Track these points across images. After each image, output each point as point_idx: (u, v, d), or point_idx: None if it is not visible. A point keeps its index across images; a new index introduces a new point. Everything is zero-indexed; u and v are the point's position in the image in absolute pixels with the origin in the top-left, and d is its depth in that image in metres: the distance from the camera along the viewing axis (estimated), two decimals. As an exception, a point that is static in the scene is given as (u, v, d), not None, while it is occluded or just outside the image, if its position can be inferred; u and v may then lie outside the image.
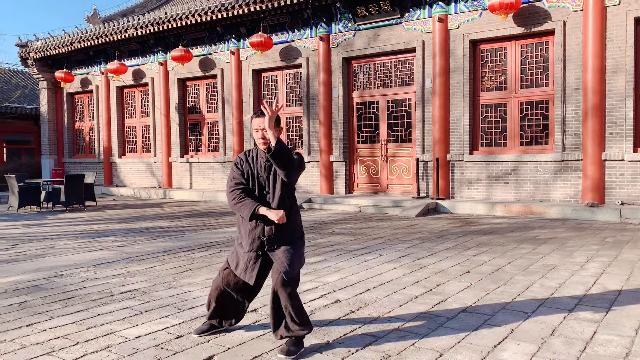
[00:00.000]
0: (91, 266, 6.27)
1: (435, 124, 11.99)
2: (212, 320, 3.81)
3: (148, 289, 5.16)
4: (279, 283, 3.40)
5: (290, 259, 3.45)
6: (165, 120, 17.01)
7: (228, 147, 15.76)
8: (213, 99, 16.31)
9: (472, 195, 11.77)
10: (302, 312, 3.46)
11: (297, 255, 3.52)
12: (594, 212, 9.78)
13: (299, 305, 3.44)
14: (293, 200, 3.60)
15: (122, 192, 17.66)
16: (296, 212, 3.62)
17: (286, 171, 3.37)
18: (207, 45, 15.86)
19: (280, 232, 3.51)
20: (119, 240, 8.23)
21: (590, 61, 10.21)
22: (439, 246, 7.27)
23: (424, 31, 12.17)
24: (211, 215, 11.60)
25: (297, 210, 3.65)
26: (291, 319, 3.42)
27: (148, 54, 17.34)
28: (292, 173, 3.42)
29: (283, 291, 3.40)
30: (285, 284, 3.40)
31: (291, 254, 3.47)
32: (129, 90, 18.50)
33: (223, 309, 3.78)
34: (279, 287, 3.41)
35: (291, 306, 3.41)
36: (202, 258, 6.67)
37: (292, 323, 3.42)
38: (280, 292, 3.42)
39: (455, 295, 4.76)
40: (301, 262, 3.55)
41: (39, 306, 4.60)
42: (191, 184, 16.81)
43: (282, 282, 3.40)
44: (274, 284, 3.44)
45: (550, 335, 3.68)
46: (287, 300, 3.41)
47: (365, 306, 4.46)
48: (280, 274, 3.40)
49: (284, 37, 14.33)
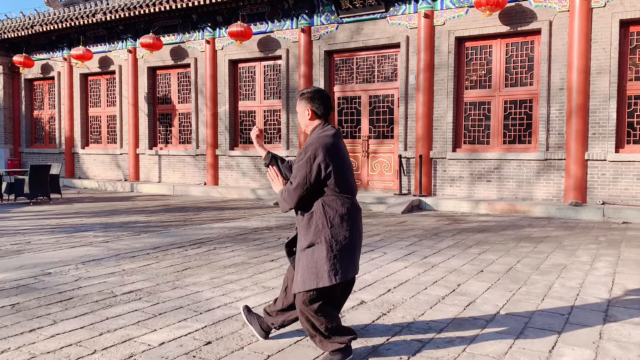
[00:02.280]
0: (79, 263, 5.80)
1: (419, 121, 11.89)
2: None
3: (152, 289, 4.77)
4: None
5: (297, 274, 3.11)
6: (134, 110, 16.30)
7: (201, 139, 15.23)
8: (185, 89, 15.73)
9: (455, 192, 11.74)
10: (330, 327, 3.08)
11: (306, 268, 3.04)
12: (577, 211, 9.90)
13: (321, 324, 3.06)
14: (317, 199, 3.08)
15: (86, 185, 16.84)
16: (317, 212, 3.06)
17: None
18: (180, 33, 15.26)
19: (299, 234, 3.18)
20: (100, 235, 7.72)
21: (575, 61, 10.31)
22: (439, 244, 7.13)
23: (409, 26, 12.04)
24: (188, 210, 11.13)
25: (320, 209, 3.06)
26: (320, 336, 3.12)
27: (116, 41, 16.57)
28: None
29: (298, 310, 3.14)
30: (297, 303, 3.12)
31: (300, 267, 3.10)
32: (94, 78, 17.65)
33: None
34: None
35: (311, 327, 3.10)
36: (197, 256, 6.29)
37: (322, 337, 3.12)
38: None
39: (482, 296, 4.59)
40: (309, 280, 3.01)
41: (36, 309, 4.16)
42: (160, 177, 16.18)
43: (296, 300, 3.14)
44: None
45: (601, 339, 3.55)
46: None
47: (395, 308, 4.23)
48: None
49: (262, 28, 13.93)
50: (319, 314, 3.04)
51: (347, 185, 3.09)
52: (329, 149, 3.02)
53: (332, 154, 3.02)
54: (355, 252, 3.11)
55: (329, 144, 3.03)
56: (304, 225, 3.11)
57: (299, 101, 3.26)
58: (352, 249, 3.08)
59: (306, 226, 3.09)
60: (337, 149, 3.07)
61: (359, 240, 3.15)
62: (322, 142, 3.03)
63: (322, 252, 3.01)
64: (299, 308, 3.09)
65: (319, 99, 3.18)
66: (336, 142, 3.08)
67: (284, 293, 3.37)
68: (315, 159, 2.99)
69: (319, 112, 3.18)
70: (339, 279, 2.98)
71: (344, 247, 3.03)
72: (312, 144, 3.04)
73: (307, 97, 3.20)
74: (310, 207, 3.09)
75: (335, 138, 3.09)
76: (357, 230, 3.12)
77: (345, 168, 3.09)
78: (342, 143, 3.16)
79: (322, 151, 3.00)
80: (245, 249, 6.69)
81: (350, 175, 3.13)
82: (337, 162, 3.03)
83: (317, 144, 3.03)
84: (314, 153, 3.00)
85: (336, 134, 3.13)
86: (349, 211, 3.07)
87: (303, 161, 3.02)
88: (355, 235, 3.11)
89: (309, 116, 3.19)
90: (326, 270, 2.98)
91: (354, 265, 3.11)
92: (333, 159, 3.02)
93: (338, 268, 2.99)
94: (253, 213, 10.56)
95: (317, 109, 3.18)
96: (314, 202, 3.08)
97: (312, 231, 3.06)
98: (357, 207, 3.15)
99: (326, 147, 3.01)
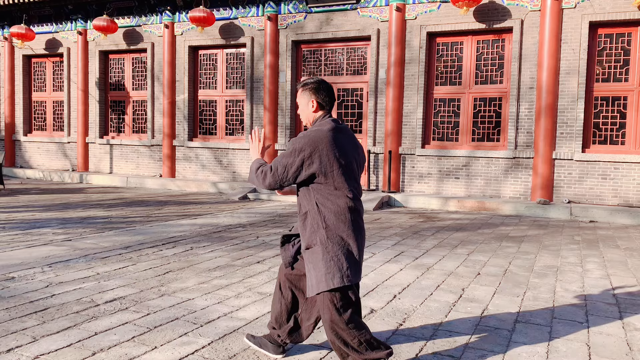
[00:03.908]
0: (45, 265, 5.22)
1: (388, 116, 11.72)
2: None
3: (137, 296, 4.30)
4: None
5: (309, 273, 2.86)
6: (83, 96, 15.32)
7: (157, 129, 14.49)
8: (141, 76, 14.91)
9: (423, 189, 11.67)
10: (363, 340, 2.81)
11: (312, 271, 2.82)
12: (546, 209, 10.01)
13: (353, 338, 2.78)
14: (310, 198, 2.84)
15: (29, 175, 15.71)
16: (311, 212, 2.82)
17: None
18: (137, 16, 14.43)
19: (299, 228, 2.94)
20: (60, 232, 7.07)
21: (545, 61, 10.40)
22: (423, 244, 6.95)
23: (380, 19, 11.81)
24: (149, 204, 10.51)
25: (314, 209, 2.81)
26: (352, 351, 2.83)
27: (64, 21, 15.49)
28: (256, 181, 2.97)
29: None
30: (325, 320, 2.83)
31: (307, 270, 2.85)
32: (39, 60, 16.47)
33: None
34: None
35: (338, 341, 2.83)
36: (175, 257, 5.82)
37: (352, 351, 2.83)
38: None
39: (492, 302, 4.41)
40: (324, 279, 2.76)
41: (8, 322, 3.63)
42: (111, 168, 15.31)
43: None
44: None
45: (631, 351, 3.42)
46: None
47: (409, 317, 3.97)
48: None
49: (226, 14, 13.35)
50: (351, 324, 2.75)
51: (345, 183, 2.80)
52: (325, 143, 2.75)
53: (327, 149, 2.75)
54: (356, 255, 2.81)
55: (325, 138, 2.76)
56: (300, 224, 2.89)
57: (301, 92, 2.97)
58: (351, 252, 2.79)
59: (302, 226, 2.87)
60: (335, 144, 2.78)
61: (360, 243, 2.84)
62: (317, 135, 2.77)
63: (319, 254, 2.76)
64: (328, 325, 2.78)
65: (324, 89, 2.94)
66: (335, 136, 2.80)
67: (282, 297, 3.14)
68: (301, 152, 2.75)
69: (324, 104, 2.94)
70: (337, 283, 2.72)
71: (342, 250, 2.76)
72: (307, 136, 2.77)
73: (312, 87, 2.93)
74: (305, 206, 2.84)
75: (335, 132, 2.82)
76: (359, 233, 2.84)
77: (344, 165, 2.80)
78: (343, 137, 2.86)
79: (313, 145, 2.74)
80: (225, 249, 6.27)
81: (350, 172, 2.84)
82: (333, 158, 2.75)
83: (312, 136, 2.77)
84: (302, 146, 2.75)
85: (337, 127, 2.85)
86: (347, 211, 2.79)
87: (289, 150, 2.78)
88: (358, 238, 2.82)
89: (313, 108, 2.94)
90: (323, 274, 2.73)
91: (355, 270, 2.81)
92: (328, 154, 2.74)
93: (335, 272, 2.73)
94: (219, 208, 10.08)
95: (323, 100, 2.93)
96: (307, 200, 2.82)
97: (307, 232, 2.82)
98: (356, 209, 2.84)
99: (321, 141, 2.75)
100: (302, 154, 2.74)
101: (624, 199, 10.12)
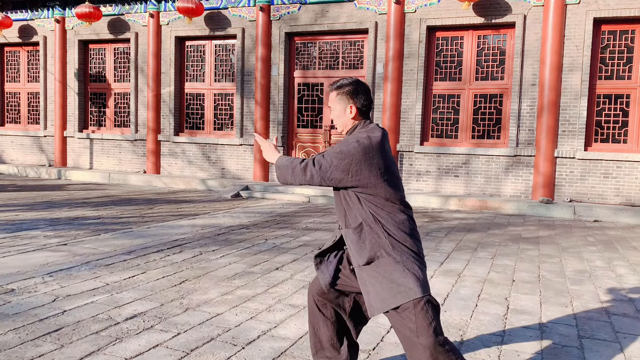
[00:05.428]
0: (45, 275, 4.71)
1: (386, 112, 11.39)
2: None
3: (158, 312, 3.86)
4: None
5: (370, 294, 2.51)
6: (61, 87, 14.56)
7: (141, 123, 13.86)
8: (123, 67, 14.23)
9: (421, 187, 11.40)
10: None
11: (378, 286, 2.46)
12: (549, 208, 9.84)
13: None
14: (363, 208, 2.51)
15: (2, 170, 14.89)
16: (368, 223, 2.49)
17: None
18: (119, 5, 13.75)
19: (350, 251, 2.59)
20: (51, 235, 6.52)
21: (548, 57, 10.22)
22: (441, 246, 6.65)
23: (378, 12, 11.46)
24: (139, 202, 9.95)
25: (371, 219, 2.49)
26: None
27: (40, 8, 14.68)
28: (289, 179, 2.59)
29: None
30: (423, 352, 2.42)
31: (369, 288, 2.50)
32: (13, 49, 15.60)
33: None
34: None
35: None
36: (186, 263, 5.37)
37: None
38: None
39: (543, 314, 4.12)
40: (387, 299, 2.42)
41: (20, 347, 3.15)
42: (92, 164, 14.62)
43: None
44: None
45: None
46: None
47: (465, 333, 3.64)
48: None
49: (215, 3, 12.79)
50: (447, 346, 2.40)
51: (397, 192, 2.52)
52: (375, 151, 2.45)
53: (378, 158, 2.45)
54: (423, 265, 2.51)
55: (376, 146, 2.46)
56: (354, 241, 2.52)
57: (335, 95, 2.61)
58: (420, 260, 2.49)
59: (357, 240, 2.51)
60: (385, 153, 2.50)
61: (422, 252, 2.55)
62: (369, 144, 2.45)
63: (388, 265, 2.43)
64: (423, 348, 2.40)
65: (362, 91, 2.59)
66: (384, 144, 2.51)
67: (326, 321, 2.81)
68: (352, 158, 2.42)
69: (364, 109, 2.60)
70: (419, 293, 2.37)
71: (412, 259, 2.45)
72: (359, 142, 2.44)
73: (349, 90, 2.57)
74: (357, 217, 2.50)
75: (384, 139, 2.52)
76: (420, 242, 2.56)
77: (393, 173, 2.53)
78: (388, 144, 2.57)
79: (365, 153, 2.42)
80: (237, 254, 5.84)
81: (397, 180, 2.56)
82: (384, 167, 2.47)
83: (364, 144, 2.44)
84: (354, 152, 2.42)
85: (385, 134, 2.55)
86: (405, 221, 2.51)
87: (337, 150, 2.46)
88: (420, 247, 2.54)
89: (352, 114, 2.58)
90: (399, 285, 2.40)
91: (425, 277, 2.49)
92: (379, 163, 2.45)
93: (414, 281, 2.40)
94: (215, 207, 9.60)
95: (362, 104, 2.58)
96: (359, 211, 2.50)
97: (368, 245, 2.47)
98: (411, 217, 2.58)
99: (372, 149, 2.44)
100: (352, 160, 2.43)
101: (626, 197, 10.03)
